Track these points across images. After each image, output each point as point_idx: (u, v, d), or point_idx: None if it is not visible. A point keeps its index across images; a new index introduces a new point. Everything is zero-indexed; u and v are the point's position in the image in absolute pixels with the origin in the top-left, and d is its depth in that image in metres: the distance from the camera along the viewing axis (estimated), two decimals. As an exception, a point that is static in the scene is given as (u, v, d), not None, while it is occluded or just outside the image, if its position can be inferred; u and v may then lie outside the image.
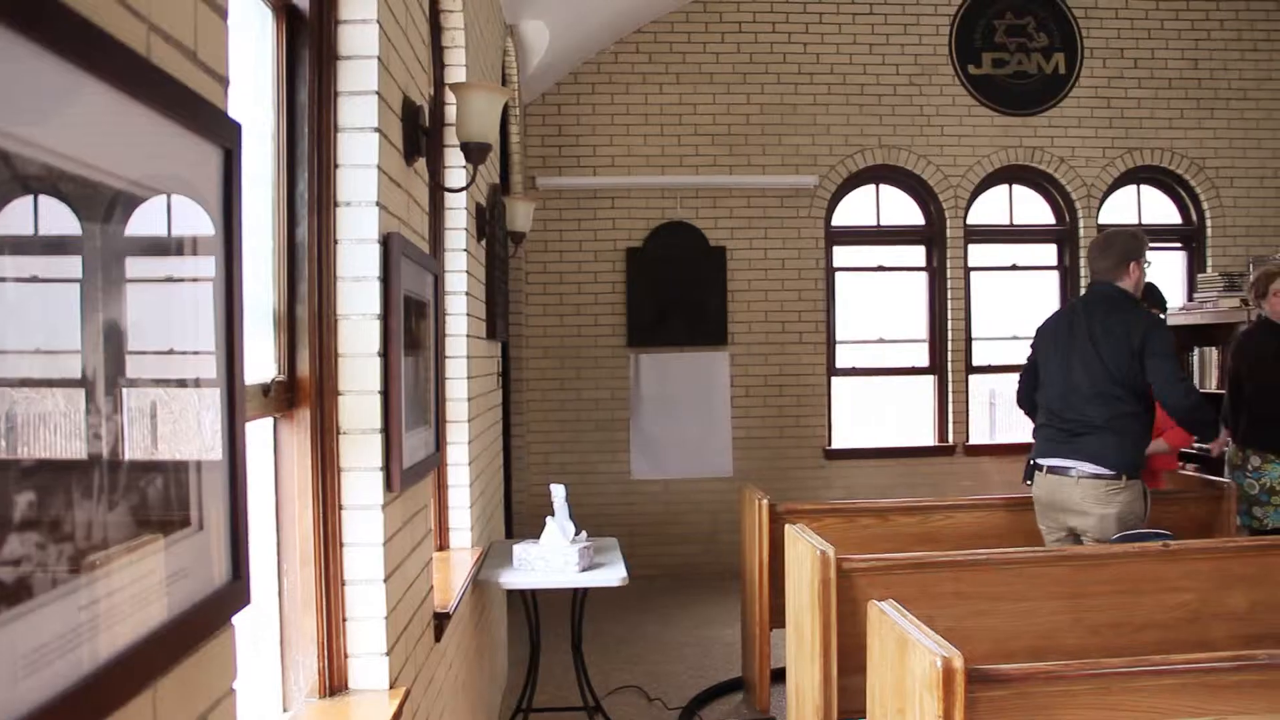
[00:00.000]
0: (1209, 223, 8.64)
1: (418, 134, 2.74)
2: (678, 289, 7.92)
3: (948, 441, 8.20)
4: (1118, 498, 3.94)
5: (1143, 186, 8.77)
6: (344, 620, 2.36)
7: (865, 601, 2.49)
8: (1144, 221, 8.75)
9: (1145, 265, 4.54)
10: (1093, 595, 3.48)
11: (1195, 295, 7.56)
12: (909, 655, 2.11)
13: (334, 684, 2.34)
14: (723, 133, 8.08)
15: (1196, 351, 7.31)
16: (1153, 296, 6.45)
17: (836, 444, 8.24)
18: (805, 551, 3.31)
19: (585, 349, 7.96)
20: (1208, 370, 7.20)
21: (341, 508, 2.34)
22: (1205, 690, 2.20)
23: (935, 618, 3.39)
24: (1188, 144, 8.59)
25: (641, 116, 8.05)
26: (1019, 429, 7.27)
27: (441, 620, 3.17)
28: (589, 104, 8.01)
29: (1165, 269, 8.80)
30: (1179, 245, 8.83)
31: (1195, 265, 8.65)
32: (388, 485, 2.41)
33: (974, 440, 8.24)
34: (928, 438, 8.32)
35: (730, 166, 8.08)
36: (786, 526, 3.66)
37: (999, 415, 8.62)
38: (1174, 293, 8.56)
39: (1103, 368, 4.11)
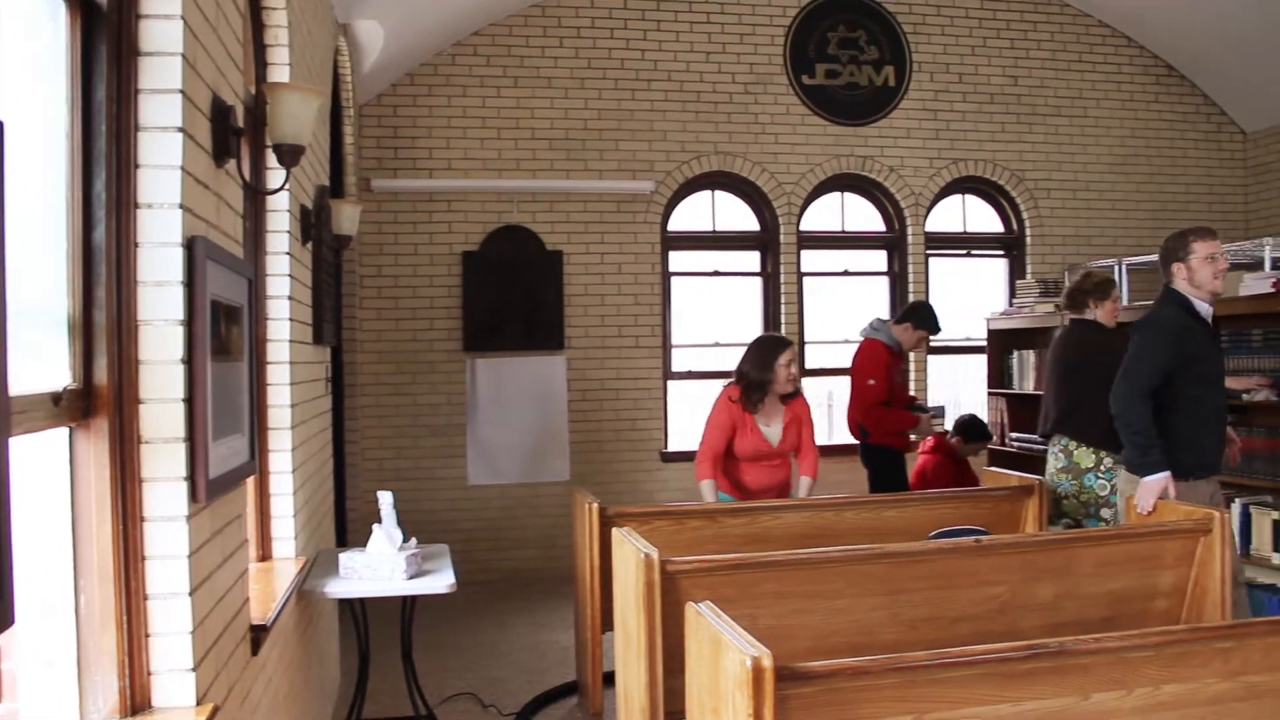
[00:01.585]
0: (1028, 231, 9.03)
1: (228, 134, 2.66)
2: (514, 293, 7.90)
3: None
4: None
5: (967, 196, 9.11)
6: (147, 636, 2.27)
7: (689, 603, 2.51)
8: (968, 230, 9.10)
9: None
10: (909, 591, 3.58)
11: (1014, 300, 7.87)
12: (722, 655, 2.14)
13: (136, 703, 2.25)
14: (560, 137, 8.09)
15: (1015, 355, 7.61)
16: (919, 315, 6.71)
17: (673, 446, 8.32)
18: (630, 554, 3.33)
19: (421, 353, 7.87)
20: (1025, 372, 7.50)
21: (143, 520, 2.26)
22: (1002, 679, 2.29)
23: (758, 617, 3.46)
24: (1009, 156, 8.95)
25: (479, 119, 7.99)
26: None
27: (259, 632, 3.08)
28: (426, 106, 7.92)
29: (989, 275, 9.17)
30: (1002, 253, 9.19)
31: (1016, 272, 9.01)
32: (193, 496, 2.33)
33: (807, 442, 8.39)
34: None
35: (567, 171, 8.08)
36: (613, 530, 3.68)
37: (836, 417, 8.80)
38: (996, 298, 8.91)
39: None
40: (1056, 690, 2.34)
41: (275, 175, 3.72)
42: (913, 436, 6.75)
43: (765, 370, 5.34)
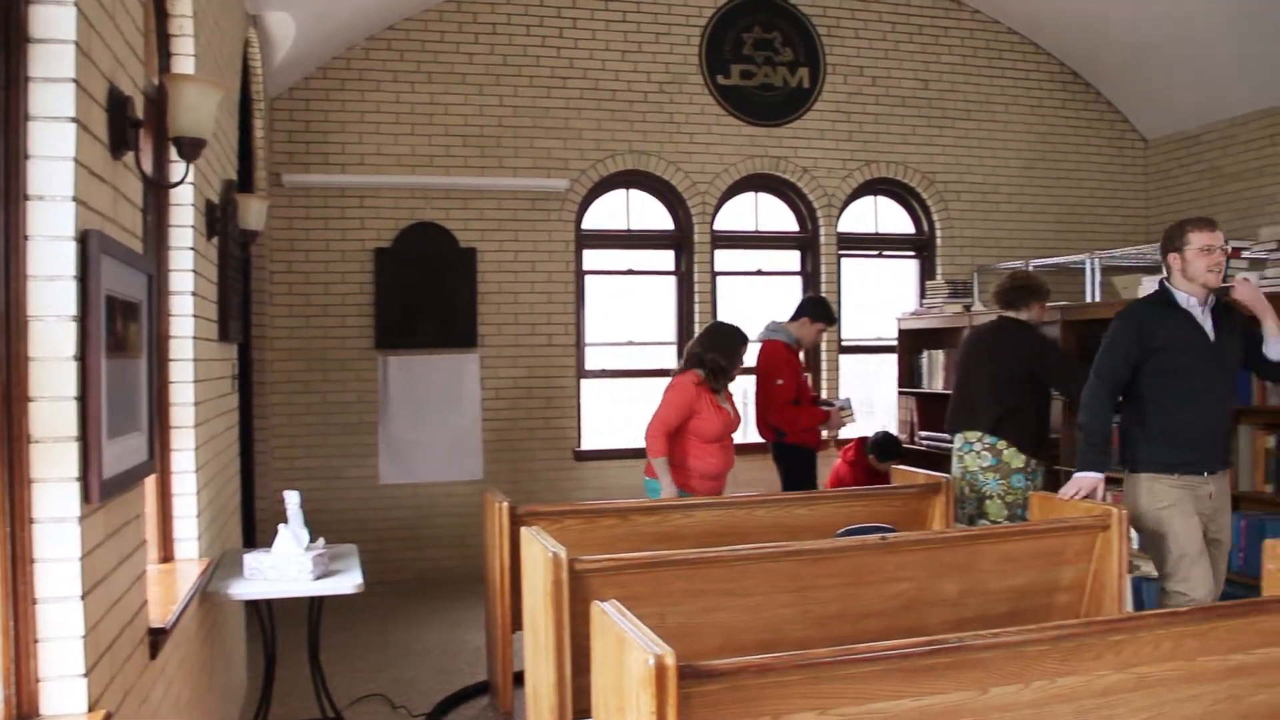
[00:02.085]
0: (938, 233, 9.17)
1: (126, 126, 2.60)
2: (427, 290, 7.83)
3: (696, 442, 8.37)
4: None
5: (879, 198, 9.23)
6: (35, 642, 2.21)
7: (594, 602, 2.51)
8: (880, 231, 9.22)
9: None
10: (818, 588, 3.62)
11: (924, 301, 7.99)
12: (626, 654, 2.14)
13: (23, 711, 2.19)
14: (474, 134, 8.03)
15: (925, 354, 7.73)
16: (814, 309, 6.83)
17: (587, 445, 8.32)
18: (539, 554, 3.32)
19: (332, 351, 7.76)
20: (935, 371, 7.61)
21: (32, 521, 2.19)
22: (904, 674, 2.32)
23: (667, 615, 3.47)
24: (919, 159, 9.08)
25: (392, 115, 7.90)
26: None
27: (158, 636, 3.01)
28: (339, 100, 7.82)
29: (900, 276, 9.30)
30: (912, 254, 9.33)
31: (926, 273, 9.15)
32: (86, 497, 2.27)
33: (722, 440, 8.44)
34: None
35: (482, 168, 8.03)
36: (522, 529, 3.66)
37: (749, 415, 8.85)
38: (907, 298, 9.04)
39: None
40: (957, 684, 2.38)
41: (178, 168, 3.64)
42: (824, 433, 6.82)
43: (733, 359, 5.75)
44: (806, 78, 8.77)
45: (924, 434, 7.63)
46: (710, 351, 5.71)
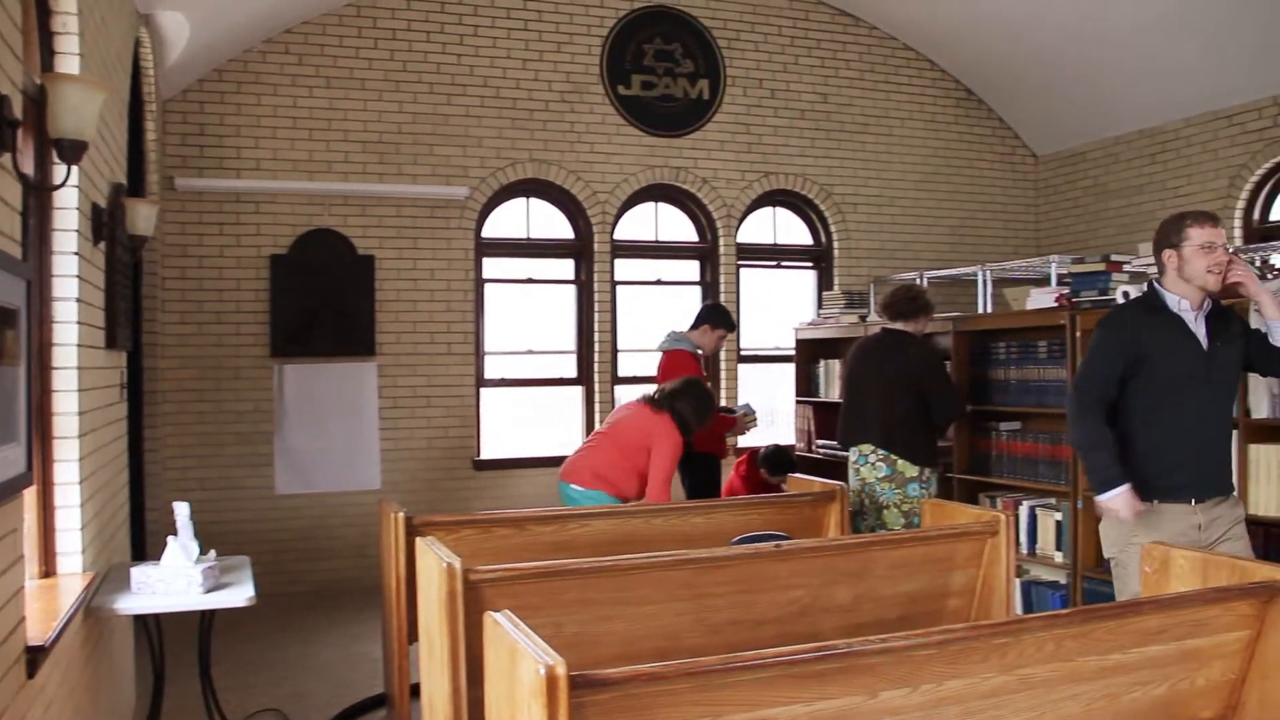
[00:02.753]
0: (836, 244, 9.31)
1: (3, 126, 2.53)
2: (325, 298, 7.71)
3: (596, 451, 8.38)
4: None
5: (778, 209, 9.34)
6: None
7: (487, 612, 2.49)
8: (779, 242, 9.33)
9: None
10: (713, 596, 3.64)
11: (821, 311, 8.10)
12: (518, 664, 2.13)
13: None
14: (374, 140, 7.95)
15: (822, 364, 7.83)
16: (714, 315, 6.94)
17: (486, 454, 8.27)
18: (433, 564, 3.29)
19: (226, 359, 7.61)
20: (831, 381, 7.72)
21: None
22: (795, 680, 2.34)
23: (563, 625, 3.46)
24: (818, 171, 9.22)
25: (290, 119, 7.79)
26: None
27: (36, 654, 2.92)
28: (234, 103, 7.68)
29: (798, 286, 9.42)
30: (810, 264, 9.45)
31: (824, 283, 9.28)
32: (-43, 509, 2.20)
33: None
34: (576, 447, 8.47)
35: (380, 174, 7.95)
36: (417, 539, 3.63)
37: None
38: (805, 308, 9.16)
39: None
40: (846, 689, 2.41)
41: (61, 171, 3.54)
42: (730, 439, 6.92)
43: (701, 423, 5.76)
44: (707, 89, 8.85)
45: (821, 442, 7.73)
46: (682, 402, 5.66)
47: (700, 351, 6.89)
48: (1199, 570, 3.21)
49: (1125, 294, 5.30)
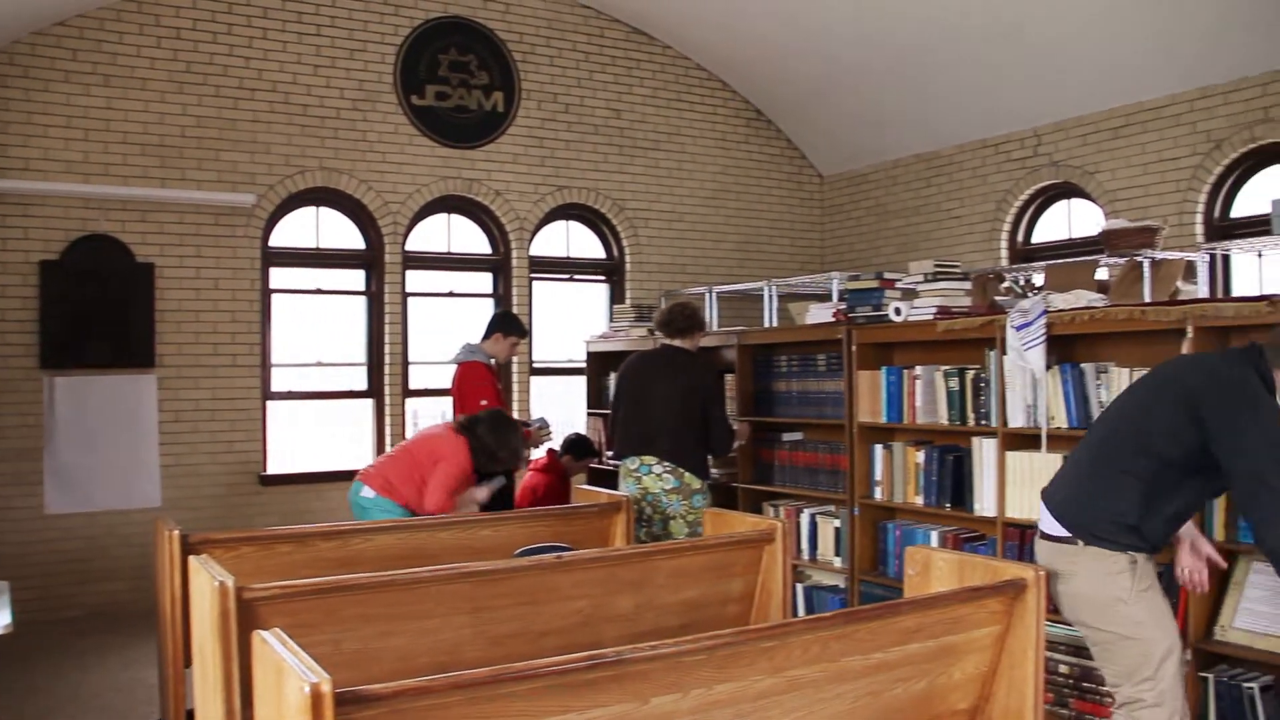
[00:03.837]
0: (628, 258, 9.46)
1: None
2: (100, 307, 7.37)
3: (388, 464, 8.27)
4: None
5: (571, 222, 9.43)
6: None
7: (255, 631, 2.45)
8: (572, 255, 9.42)
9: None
10: (494, 608, 3.65)
11: (612, 324, 8.22)
12: (284, 683, 2.10)
13: None
14: (155, 143, 7.66)
15: (613, 376, 7.92)
16: (506, 323, 7.01)
17: (274, 469, 8.06)
18: (206, 583, 3.20)
19: (-10, 370, 7.21)
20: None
21: None
22: (567, 690, 2.38)
23: (342, 641, 3.42)
24: (610, 186, 9.35)
25: (63, 118, 7.43)
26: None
27: None
28: (0, 99, 7.28)
29: (591, 299, 9.53)
30: (603, 278, 9.58)
31: (616, 297, 9.41)
32: None
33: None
34: (368, 460, 8.34)
35: (162, 179, 7.66)
36: (190, 558, 3.52)
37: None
38: (598, 321, 9.27)
39: None
40: (619, 697, 2.46)
41: None
42: (524, 452, 6.94)
43: (512, 455, 5.82)
44: (501, 102, 8.87)
45: (611, 453, 7.82)
46: (486, 436, 5.69)
47: (494, 361, 6.90)
48: (956, 571, 3.40)
49: (897, 309, 5.57)
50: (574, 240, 9.46)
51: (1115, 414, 3.66)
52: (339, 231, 8.46)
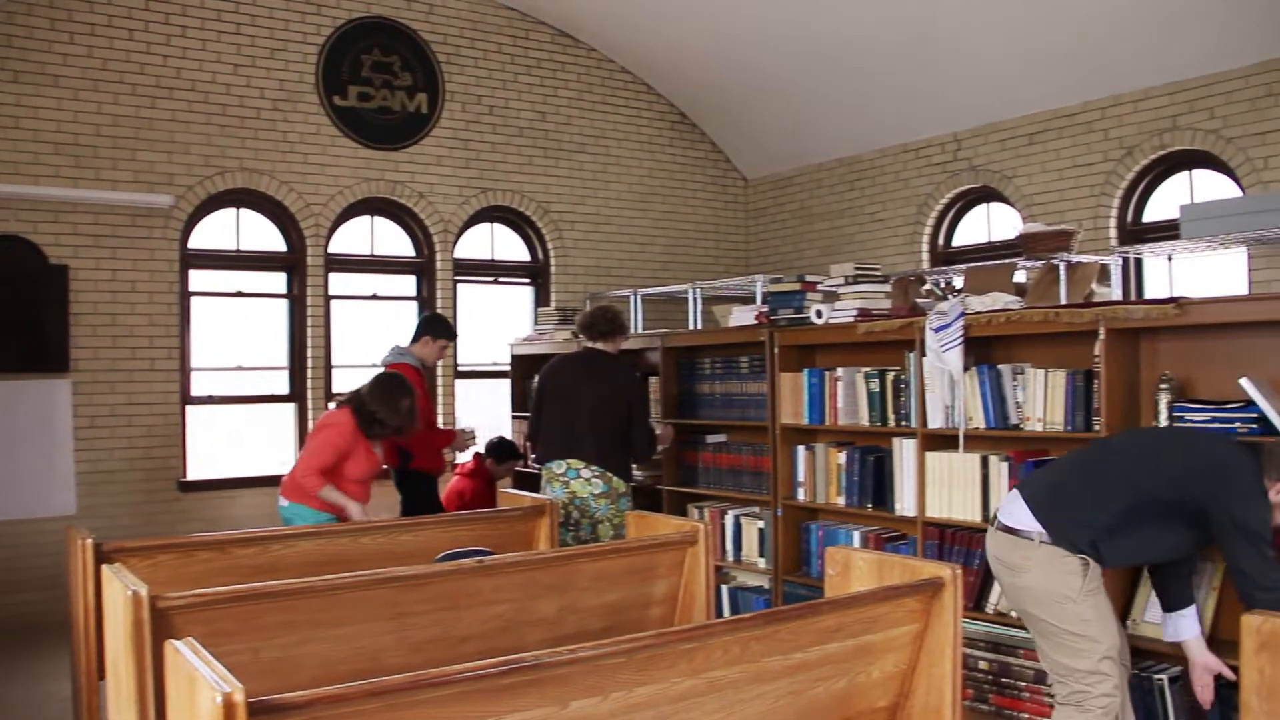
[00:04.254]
0: (553, 261, 9.44)
1: None
2: (9, 310, 7.17)
3: (311, 469, 8.17)
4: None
5: (496, 225, 9.39)
6: None
7: (168, 641, 2.41)
8: (496, 258, 9.39)
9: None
10: (415, 614, 3.62)
11: (536, 327, 8.20)
12: (196, 693, 2.07)
13: None
14: (68, 141, 7.49)
15: (537, 379, 7.91)
16: (435, 326, 6.99)
17: (193, 475, 7.92)
18: (119, 592, 3.14)
19: (-107, 375, 7.00)
20: (547, 397, 7.80)
21: None
22: (485, 695, 2.37)
23: (261, 650, 3.38)
24: (535, 188, 9.33)
25: (-32, 115, 7.26)
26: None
27: None
28: (-102, 94, 7.09)
29: (516, 302, 9.51)
30: (528, 281, 9.55)
31: (541, 299, 9.39)
32: None
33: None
34: (290, 465, 8.23)
35: (76, 179, 7.48)
36: (104, 567, 3.45)
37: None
38: (523, 324, 9.24)
39: None
40: (538, 701, 2.46)
41: None
42: (449, 455, 6.92)
43: (392, 413, 5.59)
44: (425, 103, 8.81)
45: (535, 456, 7.80)
46: (370, 401, 5.59)
47: (423, 365, 6.86)
48: (875, 570, 3.44)
49: (818, 312, 5.62)
50: (499, 243, 9.43)
51: (1127, 448, 3.85)
52: (260, 233, 8.34)
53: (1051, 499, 3.78)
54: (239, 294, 8.28)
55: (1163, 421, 4.23)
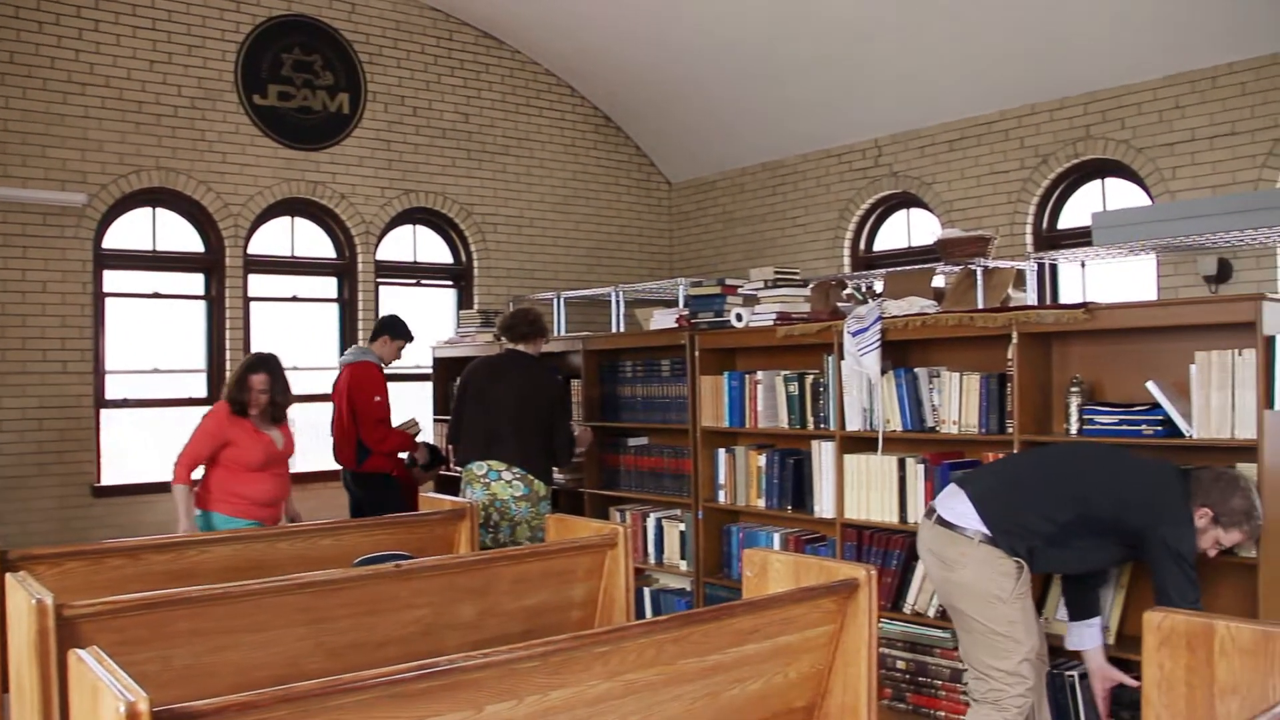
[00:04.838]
0: (476, 263, 9.40)
1: None
2: (-85, 310, 7.02)
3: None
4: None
5: (419, 227, 9.32)
6: None
7: (71, 650, 2.36)
8: (419, 260, 9.32)
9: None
10: (333, 619, 3.59)
11: (459, 330, 8.16)
12: (100, 703, 2.03)
13: None
14: (-25, 138, 7.32)
15: (459, 380, 7.87)
16: (393, 327, 6.99)
17: (108, 480, 7.76)
18: (23, 601, 3.07)
19: None
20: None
21: None
22: (398, 700, 2.35)
23: (172, 658, 3.32)
24: (459, 190, 9.29)
25: (-128, 111, 7.05)
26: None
27: None
28: None
29: (439, 305, 9.45)
30: (450, 283, 9.50)
31: (464, 302, 9.35)
32: None
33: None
34: (207, 470, 8.14)
35: (-16, 176, 7.33)
36: (7, 575, 3.37)
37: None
38: (446, 327, 9.19)
39: None
40: (452, 706, 2.44)
41: None
42: (403, 455, 6.93)
43: (241, 390, 5.70)
44: (346, 103, 8.72)
45: (455, 459, 7.77)
46: (230, 375, 5.77)
47: (383, 362, 6.89)
48: (792, 572, 3.47)
49: (739, 315, 5.66)
50: (421, 245, 9.36)
51: (1075, 463, 3.94)
52: (177, 234, 8.18)
53: (998, 501, 3.85)
54: (156, 295, 8.11)
55: (1073, 424, 4.33)
